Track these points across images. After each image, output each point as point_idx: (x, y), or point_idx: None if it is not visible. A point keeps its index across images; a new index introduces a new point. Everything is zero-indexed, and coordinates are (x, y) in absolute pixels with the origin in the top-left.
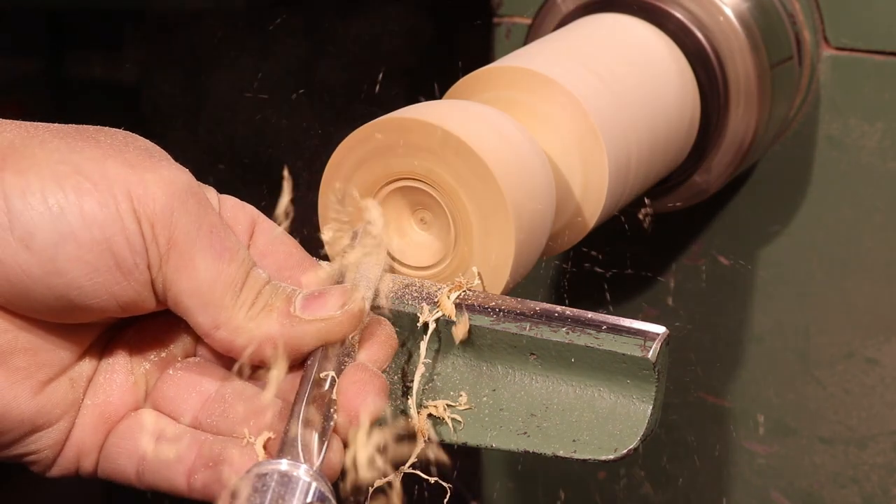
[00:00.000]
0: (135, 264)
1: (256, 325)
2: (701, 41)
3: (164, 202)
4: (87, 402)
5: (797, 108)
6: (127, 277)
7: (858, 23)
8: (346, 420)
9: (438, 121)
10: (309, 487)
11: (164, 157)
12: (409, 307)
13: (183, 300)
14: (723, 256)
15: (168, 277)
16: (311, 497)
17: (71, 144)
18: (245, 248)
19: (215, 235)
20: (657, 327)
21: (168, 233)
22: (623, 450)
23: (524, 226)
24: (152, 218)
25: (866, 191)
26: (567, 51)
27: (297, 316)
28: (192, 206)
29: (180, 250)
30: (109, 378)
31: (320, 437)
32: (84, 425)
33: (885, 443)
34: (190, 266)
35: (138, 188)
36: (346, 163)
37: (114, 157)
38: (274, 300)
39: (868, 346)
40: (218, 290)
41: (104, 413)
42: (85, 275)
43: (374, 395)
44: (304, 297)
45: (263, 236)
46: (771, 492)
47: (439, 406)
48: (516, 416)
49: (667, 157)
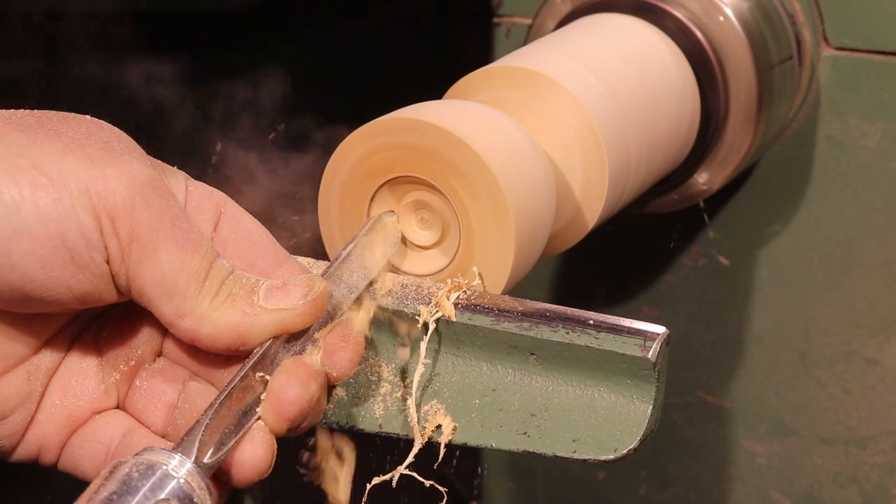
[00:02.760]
0: (90, 258)
1: (220, 314)
2: (701, 41)
3: (125, 196)
4: (56, 401)
5: (797, 108)
6: (83, 271)
7: (858, 23)
8: (270, 414)
9: (439, 121)
10: (166, 483)
11: (126, 149)
12: (409, 307)
13: (147, 291)
14: (723, 256)
15: (131, 270)
16: (164, 493)
17: (31, 137)
18: (208, 239)
19: (178, 227)
20: (657, 327)
21: (129, 227)
22: (623, 450)
23: (524, 226)
24: (112, 213)
25: (866, 191)
26: (567, 51)
27: (259, 305)
28: (153, 199)
29: (142, 243)
30: (81, 383)
31: (225, 434)
32: (48, 423)
33: (885, 443)
34: (153, 258)
35: (97, 183)
36: (346, 163)
37: (74, 152)
38: (237, 290)
39: (868, 346)
40: (181, 280)
41: (72, 416)
42: (39, 269)
43: (301, 389)
44: (267, 286)
45: (228, 225)
46: (771, 492)
47: (439, 407)
48: (516, 416)
49: (667, 157)
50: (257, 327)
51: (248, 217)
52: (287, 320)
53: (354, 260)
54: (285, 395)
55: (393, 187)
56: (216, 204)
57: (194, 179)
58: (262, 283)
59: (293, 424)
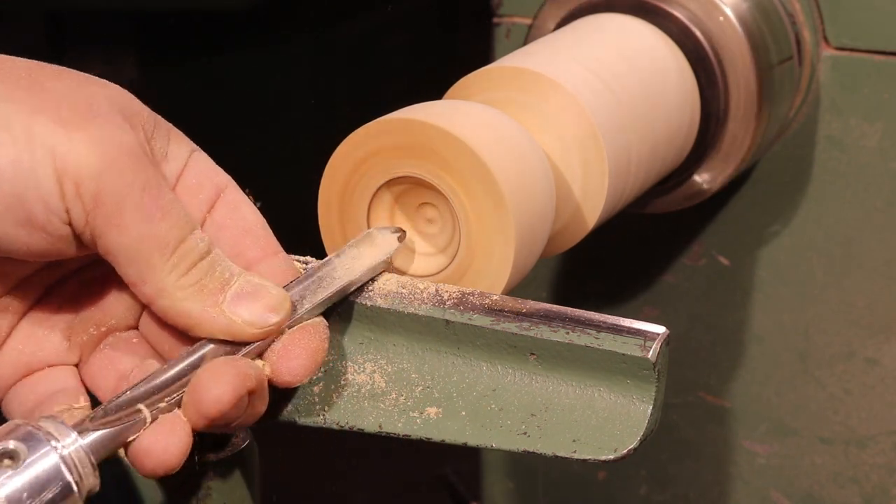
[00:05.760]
0: (48, 220)
1: (182, 296)
2: (701, 41)
3: (91, 162)
4: (19, 345)
5: (797, 108)
6: (39, 231)
7: (858, 23)
8: (189, 403)
9: (438, 122)
10: (37, 451)
11: (106, 111)
12: (409, 307)
13: (111, 251)
14: (723, 256)
15: (96, 231)
16: (33, 457)
17: (10, 91)
18: (183, 209)
19: (147, 194)
20: (657, 327)
21: (94, 192)
22: (623, 450)
23: (524, 226)
24: (76, 178)
25: (866, 191)
26: (567, 51)
27: (221, 307)
28: (122, 164)
29: (107, 209)
30: (46, 335)
31: (135, 412)
32: (4, 364)
33: (885, 443)
34: (118, 224)
35: (63, 146)
36: (345, 164)
37: (46, 112)
38: (208, 281)
39: (868, 346)
40: (144, 248)
41: (29, 364)
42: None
43: (223, 385)
44: (237, 290)
45: (225, 209)
46: (771, 492)
47: (439, 407)
48: (516, 415)
49: (667, 157)
50: (210, 326)
51: (248, 204)
52: (240, 333)
53: (339, 267)
54: (208, 393)
55: (392, 188)
56: (217, 185)
57: (205, 155)
58: (235, 280)
59: (214, 423)
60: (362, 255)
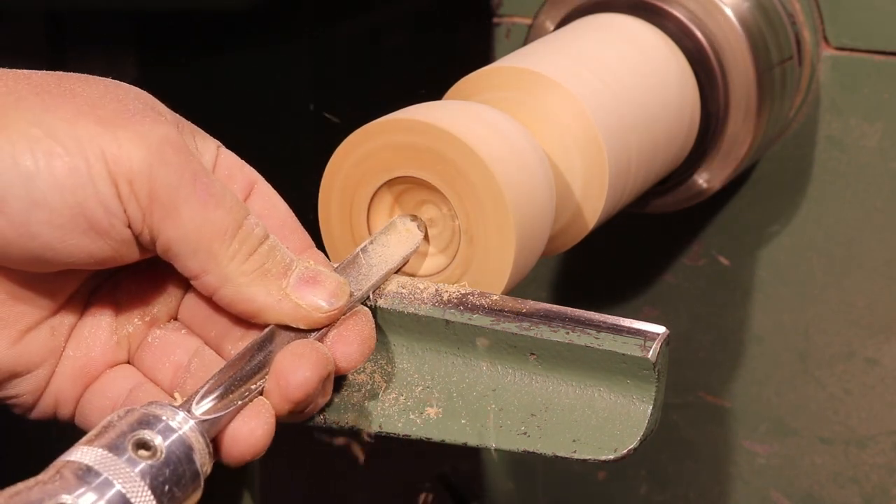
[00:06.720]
0: (110, 225)
1: (247, 281)
2: (701, 41)
3: (140, 158)
4: (69, 352)
5: (797, 108)
6: (103, 237)
7: (858, 23)
8: (275, 388)
9: (438, 122)
10: (168, 435)
11: (140, 108)
12: (409, 307)
13: (172, 247)
14: (723, 256)
15: (154, 228)
16: (167, 442)
17: (46, 102)
18: (234, 195)
19: (199, 182)
20: (657, 327)
21: (148, 188)
22: (623, 450)
23: (524, 226)
24: (129, 176)
25: (866, 191)
26: (567, 51)
27: (286, 291)
28: (170, 156)
29: (163, 203)
30: (94, 333)
31: (228, 401)
32: (64, 375)
33: (885, 443)
34: (175, 216)
35: (112, 147)
36: (346, 164)
37: (87, 115)
38: (270, 265)
39: (868, 346)
40: (205, 237)
41: (84, 367)
42: (58, 238)
43: (308, 368)
44: (299, 274)
45: (260, 200)
46: (771, 492)
47: (436, 407)
48: (516, 415)
49: (667, 157)
50: (276, 312)
51: (278, 197)
52: (306, 318)
53: (373, 255)
54: (293, 376)
55: (393, 188)
56: (248, 177)
57: (230, 151)
58: (296, 265)
59: (297, 407)
60: (390, 242)
